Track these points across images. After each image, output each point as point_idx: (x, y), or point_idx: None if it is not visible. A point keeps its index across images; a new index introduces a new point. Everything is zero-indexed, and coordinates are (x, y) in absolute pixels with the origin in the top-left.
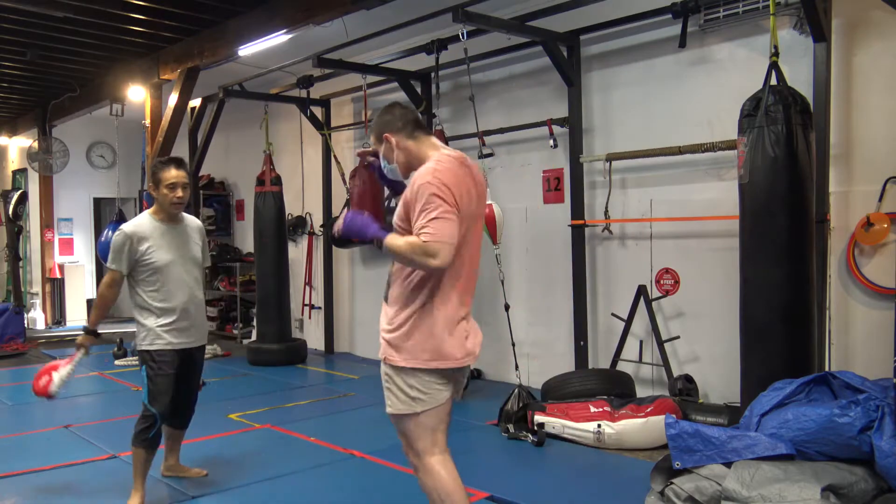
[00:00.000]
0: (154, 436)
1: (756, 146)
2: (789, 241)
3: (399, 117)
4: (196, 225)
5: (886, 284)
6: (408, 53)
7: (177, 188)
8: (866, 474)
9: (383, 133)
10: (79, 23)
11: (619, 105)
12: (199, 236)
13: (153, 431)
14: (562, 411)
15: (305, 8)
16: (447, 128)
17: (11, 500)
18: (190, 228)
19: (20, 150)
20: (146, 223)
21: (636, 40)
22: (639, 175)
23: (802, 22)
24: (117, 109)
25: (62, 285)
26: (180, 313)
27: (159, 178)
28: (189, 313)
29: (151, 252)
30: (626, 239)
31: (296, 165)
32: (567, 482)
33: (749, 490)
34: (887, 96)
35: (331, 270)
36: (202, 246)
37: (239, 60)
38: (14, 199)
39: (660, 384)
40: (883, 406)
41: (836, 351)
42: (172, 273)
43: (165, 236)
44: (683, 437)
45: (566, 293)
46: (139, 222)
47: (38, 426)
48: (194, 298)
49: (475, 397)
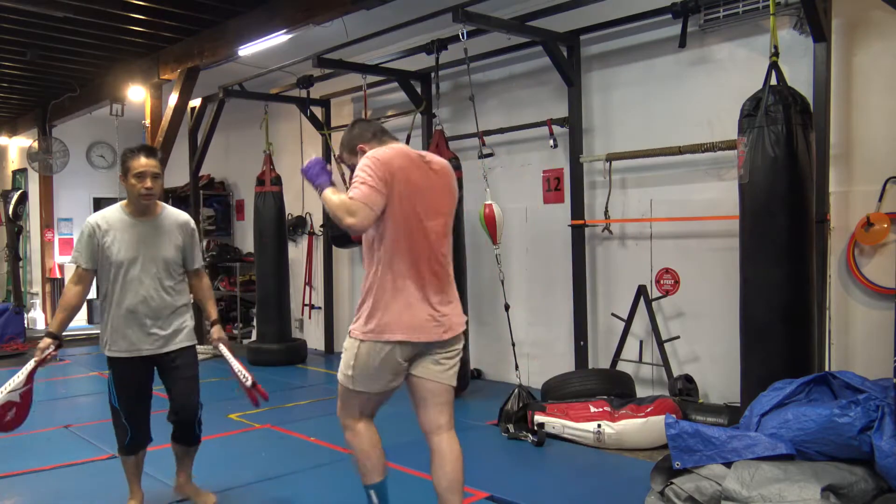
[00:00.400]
0: (130, 444)
1: (756, 146)
2: (789, 241)
3: (367, 128)
4: (179, 220)
5: (886, 284)
6: (408, 53)
7: (145, 178)
8: (866, 474)
9: (357, 145)
10: (79, 23)
11: (619, 105)
12: (180, 233)
13: (128, 440)
14: (562, 411)
15: (305, 8)
16: (447, 128)
17: (11, 500)
18: (168, 224)
19: (20, 150)
20: (114, 215)
21: (636, 40)
22: (639, 175)
23: (802, 22)
24: (117, 109)
25: (62, 285)
26: (127, 316)
27: (127, 167)
28: (138, 316)
29: (111, 246)
30: (626, 239)
31: (296, 165)
32: (567, 482)
33: (749, 490)
34: (887, 96)
35: (331, 270)
36: (184, 244)
37: (239, 60)
38: (14, 199)
39: (660, 384)
40: (883, 406)
41: (836, 351)
42: (129, 272)
43: (130, 231)
44: (683, 437)
45: (566, 293)
46: (107, 213)
47: (38, 426)
48: (150, 300)
49: (475, 397)
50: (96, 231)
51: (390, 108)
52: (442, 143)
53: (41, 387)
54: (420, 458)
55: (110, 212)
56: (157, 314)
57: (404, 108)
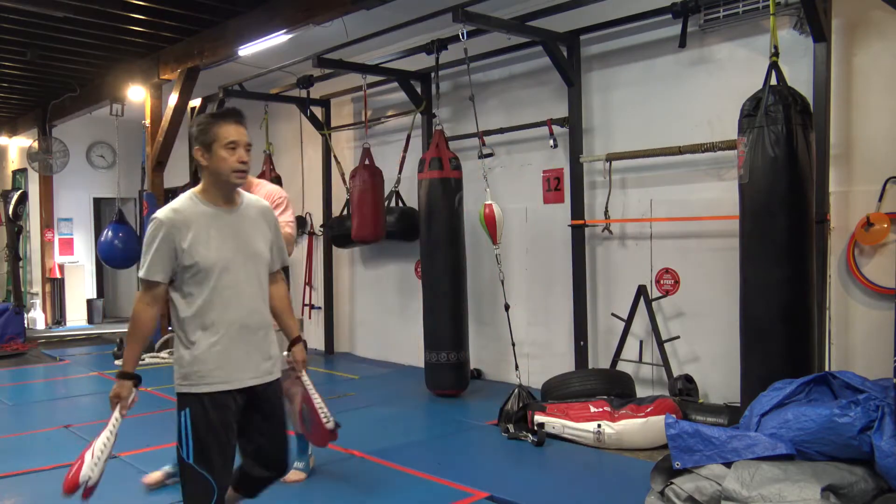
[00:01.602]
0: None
1: (756, 146)
2: (789, 241)
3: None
4: (261, 207)
5: (886, 284)
6: (408, 53)
7: (239, 148)
8: (866, 474)
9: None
10: (79, 23)
11: (619, 105)
12: (266, 224)
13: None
14: (562, 411)
15: (305, 8)
16: (447, 128)
17: (11, 500)
18: (254, 213)
19: (20, 150)
20: (188, 206)
21: (636, 40)
22: (639, 175)
23: (802, 22)
24: (117, 109)
25: (62, 285)
26: (226, 336)
27: (213, 136)
28: (242, 335)
29: (194, 246)
30: (626, 239)
31: (296, 165)
32: (567, 482)
33: (749, 490)
34: (887, 96)
35: (331, 270)
36: (272, 237)
37: (239, 60)
38: (14, 199)
39: (660, 384)
40: (883, 406)
41: (836, 351)
42: (222, 278)
43: (215, 224)
44: (683, 437)
45: (566, 293)
46: (178, 206)
47: (38, 426)
48: (255, 314)
49: (475, 397)
50: (172, 231)
51: (390, 108)
52: (442, 143)
53: (41, 386)
54: (420, 458)
55: (181, 203)
56: (260, 331)
57: (404, 108)
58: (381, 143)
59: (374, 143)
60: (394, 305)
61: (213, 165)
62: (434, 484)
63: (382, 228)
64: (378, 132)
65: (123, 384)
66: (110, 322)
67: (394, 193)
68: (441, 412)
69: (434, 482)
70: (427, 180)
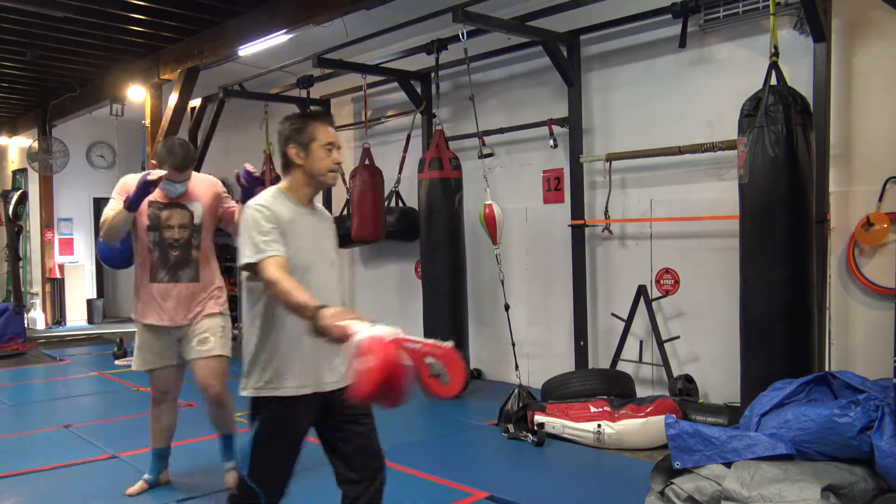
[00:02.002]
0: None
1: (756, 146)
2: (789, 241)
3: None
4: (328, 214)
5: (886, 284)
6: (408, 53)
7: (334, 150)
8: (866, 474)
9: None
10: (79, 23)
11: (619, 105)
12: (333, 232)
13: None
14: (562, 411)
15: (305, 8)
16: (447, 128)
17: (11, 500)
18: (326, 217)
19: (20, 150)
20: (278, 202)
21: (636, 40)
22: (639, 175)
23: (802, 22)
24: (117, 109)
25: (62, 285)
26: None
27: (310, 136)
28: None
29: (288, 241)
30: (626, 239)
31: None
32: (567, 482)
33: (749, 490)
34: (887, 96)
35: None
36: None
37: (239, 60)
38: (14, 199)
39: (660, 384)
40: (883, 406)
41: (836, 351)
42: (307, 278)
43: (302, 224)
44: (683, 437)
45: (566, 293)
46: (268, 201)
47: (38, 426)
48: None
49: (475, 397)
50: (276, 218)
51: (390, 108)
52: (442, 143)
53: (41, 386)
54: (420, 458)
55: (270, 199)
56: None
57: (404, 108)
58: (381, 143)
59: (374, 143)
60: (394, 305)
61: (309, 165)
62: (434, 484)
63: (382, 228)
64: (378, 132)
65: (323, 313)
66: (110, 322)
67: (394, 193)
68: (441, 412)
69: (434, 482)
70: (427, 180)
